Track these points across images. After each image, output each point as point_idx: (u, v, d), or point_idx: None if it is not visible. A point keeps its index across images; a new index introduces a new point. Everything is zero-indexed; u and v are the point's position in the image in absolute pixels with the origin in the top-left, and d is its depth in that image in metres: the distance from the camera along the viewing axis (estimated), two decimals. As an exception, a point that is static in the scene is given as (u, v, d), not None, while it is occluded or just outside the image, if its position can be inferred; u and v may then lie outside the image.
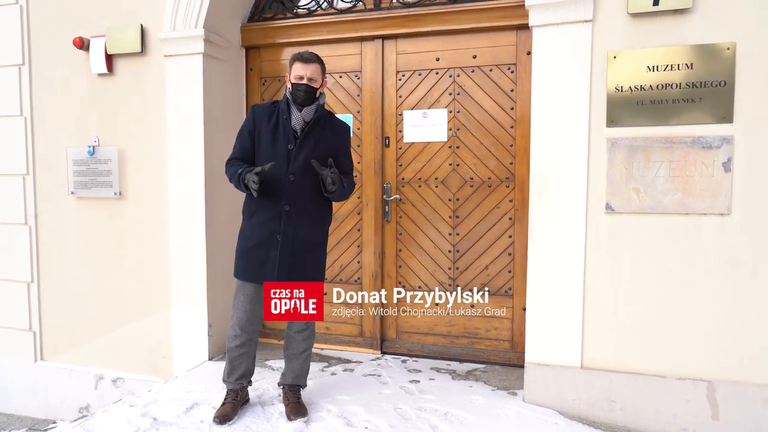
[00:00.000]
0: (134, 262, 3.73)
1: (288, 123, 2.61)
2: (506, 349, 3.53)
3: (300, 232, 2.60)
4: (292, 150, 2.58)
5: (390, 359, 3.65)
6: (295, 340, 2.75)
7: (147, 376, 3.72)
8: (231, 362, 2.74)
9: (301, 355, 2.77)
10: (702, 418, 2.73)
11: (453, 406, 2.90)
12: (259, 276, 2.60)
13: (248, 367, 2.77)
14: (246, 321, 2.67)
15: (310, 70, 2.56)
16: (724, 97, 2.64)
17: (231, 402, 2.72)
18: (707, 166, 2.67)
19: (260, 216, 2.62)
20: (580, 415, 2.88)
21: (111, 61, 3.64)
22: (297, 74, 2.56)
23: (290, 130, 2.60)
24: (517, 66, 3.39)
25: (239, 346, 2.70)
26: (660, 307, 2.77)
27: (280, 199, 2.57)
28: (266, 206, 2.59)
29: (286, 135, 2.60)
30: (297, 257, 2.60)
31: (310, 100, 2.59)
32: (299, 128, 2.61)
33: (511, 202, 3.47)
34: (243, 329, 2.67)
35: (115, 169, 3.69)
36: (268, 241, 2.59)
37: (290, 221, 2.58)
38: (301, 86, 2.56)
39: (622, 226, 2.81)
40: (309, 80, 2.56)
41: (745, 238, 2.65)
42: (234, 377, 2.74)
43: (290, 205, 2.58)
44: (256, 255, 2.61)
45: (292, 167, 2.57)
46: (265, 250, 2.59)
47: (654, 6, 2.65)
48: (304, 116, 2.60)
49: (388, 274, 3.74)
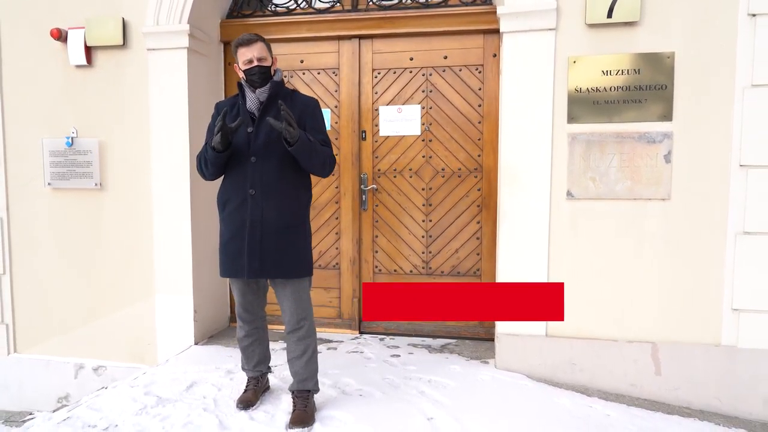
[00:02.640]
0: (115, 251, 3.79)
1: (244, 107, 2.53)
2: (475, 325, 3.88)
3: (268, 215, 2.47)
4: (251, 132, 2.49)
5: (368, 338, 3.92)
6: (290, 341, 2.62)
7: (130, 363, 3.79)
8: (243, 352, 2.77)
9: (301, 357, 2.59)
10: (647, 375, 3.18)
11: (435, 374, 3.21)
12: (237, 270, 2.52)
13: (262, 354, 2.79)
14: (244, 313, 2.68)
15: (256, 50, 2.47)
16: (665, 99, 3.08)
17: (252, 389, 2.78)
18: (651, 158, 3.11)
19: (230, 205, 2.54)
20: (545, 377, 3.26)
21: (90, 53, 3.67)
22: (245, 59, 2.47)
23: (247, 113, 2.52)
24: (484, 67, 3.73)
25: (246, 336, 2.73)
26: (613, 280, 3.19)
27: (245, 183, 2.48)
28: (233, 194, 2.52)
29: (245, 119, 2.50)
30: (267, 245, 2.47)
31: (266, 80, 2.50)
32: (255, 109, 2.51)
33: (479, 191, 3.81)
34: (244, 321, 2.71)
35: (96, 160, 3.72)
36: (240, 231, 2.50)
37: (257, 205, 2.47)
38: (253, 69, 2.46)
39: (580, 211, 3.20)
40: (258, 60, 2.46)
41: (682, 220, 3.11)
42: (251, 365, 2.78)
43: (255, 187, 2.47)
44: (231, 249, 2.53)
45: (253, 148, 2.48)
46: (239, 242, 2.50)
47: (608, 18, 3.05)
48: (259, 96, 2.51)
49: (365, 259, 4.00)
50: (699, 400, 3.13)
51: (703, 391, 3.12)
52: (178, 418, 2.63)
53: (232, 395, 2.88)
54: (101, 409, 2.76)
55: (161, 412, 2.70)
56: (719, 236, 3.07)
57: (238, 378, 3.12)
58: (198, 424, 2.57)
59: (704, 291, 3.10)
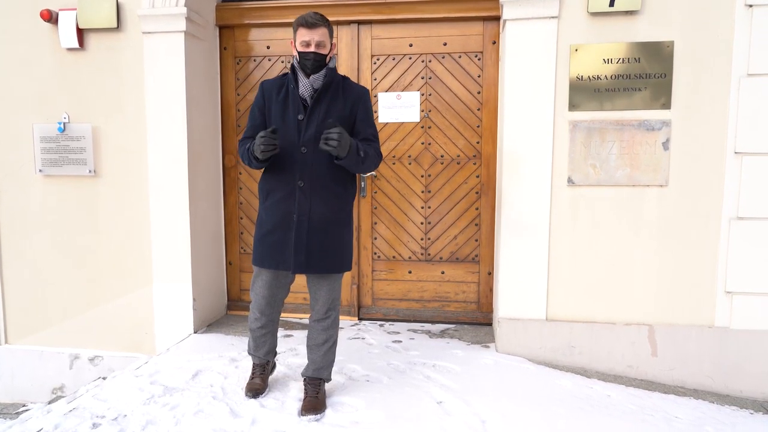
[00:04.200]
0: (111, 239, 3.72)
1: (296, 92, 2.43)
2: (473, 310, 3.94)
3: (317, 209, 2.42)
4: (302, 120, 2.42)
5: (368, 324, 3.94)
6: (314, 329, 2.59)
7: (128, 352, 3.75)
8: (255, 340, 2.71)
9: (322, 346, 2.58)
10: (644, 356, 3.27)
11: (438, 359, 3.26)
12: (279, 263, 2.47)
13: (272, 344, 2.76)
14: (265, 306, 2.62)
15: (318, 34, 2.36)
16: (664, 88, 3.14)
17: (260, 375, 2.74)
18: (650, 145, 3.18)
19: (274, 196, 2.47)
20: (545, 360, 3.34)
21: (82, 36, 3.57)
22: (302, 40, 2.37)
23: (299, 100, 2.43)
24: (483, 54, 3.74)
25: (261, 328, 2.67)
26: (611, 264, 3.27)
27: (294, 175, 2.41)
28: (279, 184, 2.45)
29: (296, 105, 2.43)
30: (314, 239, 2.43)
31: (319, 67, 2.41)
32: (308, 96, 2.43)
33: (478, 178, 3.84)
34: (262, 313, 2.63)
35: (89, 146, 3.63)
36: (284, 223, 2.44)
37: (305, 198, 2.41)
38: (308, 54, 2.37)
39: (581, 197, 3.26)
40: (317, 46, 2.37)
41: (679, 205, 3.19)
42: (261, 352, 2.73)
43: (304, 180, 2.41)
44: (273, 240, 2.47)
45: (304, 138, 2.40)
46: (283, 233, 2.44)
47: (610, 7, 3.08)
48: (313, 83, 2.42)
49: (364, 246, 4.01)
50: (693, 380, 3.24)
51: (697, 371, 3.24)
52: (188, 407, 2.61)
53: (239, 383, 2.88)
54: (107, 400, 2.73)
55: (170, 401, 2.68)
56: (714, 221, 3.16)
57: (243, 366, 3.11)
58: (209, 413, 2.56)
59: (699, 274, 3.20)
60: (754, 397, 3.21)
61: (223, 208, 4.09)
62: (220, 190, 4.05)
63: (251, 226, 4.08)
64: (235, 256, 4.15)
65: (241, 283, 4.17)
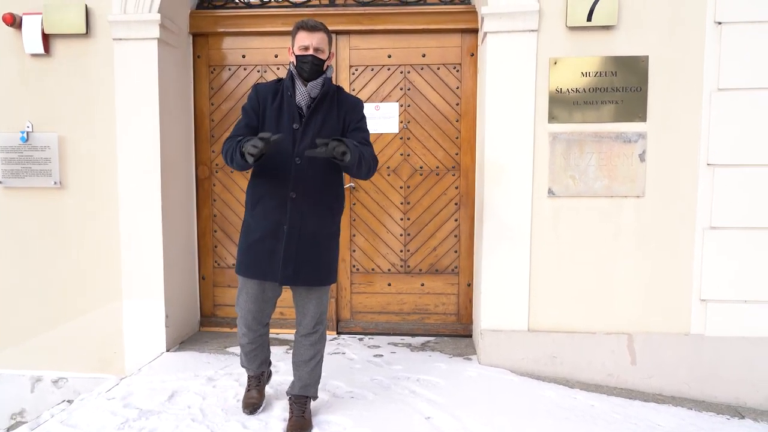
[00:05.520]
0: (77, 254, 3.54)
1: (293, 100, 2.36)
2: (453, 322, 3.91)
3: (308, 221, 2.36)
4: (297, 130, 2.34)
5: (347, 338, 3.87)
6: (302, 345, 2.51)
7: (95, 373, 3.56)
8: (246, 355, 2.62)
9: (309, 362, 2.50)
10: (623, 365, 3.31)
11: (421, 373, 3.21)
12: (266, 273, 2.38)
13: (265, 355, 2.69)
14: (252, 320, 2.51)
15: (317, 39, 2.31)
16: (640, 101, 3.21)
17: (256, 387, 2.68)
18: (627, 157, 3.24)
19: (264, 204, 2.38)
20: (528, 371, 3.34)
21: (48, 42, 3.40)
22: (301, 44, 2.30)
23: (295, 108, 2.36)
24: (462, 66, 3.76)
25: (250, 343, 2.58)
26: (591, 274, 3.30)
27: (286, 185, 2.33)
28: (271, 193, 2.37)
29: (291, 113, 2.36)
30: (304, 251, 2.36)
31: (316, 73, 2.34)
32: (305, 105, 2.36)
33: (457, 189, 3.84)
34: (249, 329, 2.54)
35: (55, 156, 3.46)
36: (273, 233, 2.36)
37: (297, 209, 2.34)
38: (306, 57, 2.30)
39: (561, 208, 3.29)
40: (315, 50, 2.30)
41: (655, 216, 3.25)
42: (254, 365, 2.66)
43: (296, 191, 2.33)
44: (261, 249, 2.38)
45: (299, 149, 2.33)
46: (271, 243, 2.36)
47: (588, 21, 3.14)
48: (310, 91, 2.36)
49: (342, 258, 3.93)
50: (670, 387, 3.30)
51: (674, 378, 3.29)
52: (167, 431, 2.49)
53: (218, 404, 2.77)
54: (77, 425, 2.57)
55: (146, 426, 2.55)
56: (689, 231, 3.24)
57: (221, 385, 3.00)
58: (189, 436, 2.45)
59: (675, 283, 3.27)
60: (729, 402, 3.28)
61: (197, 221, 3.95)
62: (193, 202, 3.92)
63: (225, 239, 3.96)
64: (208, 270, 4.02)
65: (215, 298, 4.03)
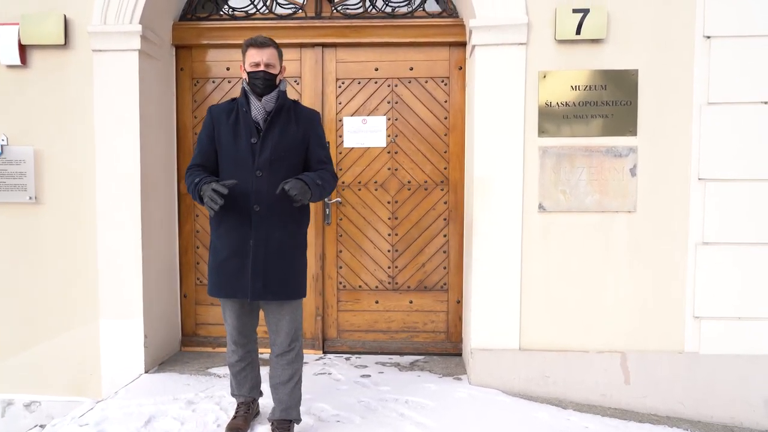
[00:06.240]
0: (52, 272, 3.40)
1: (248, 116, 2.39)
2: (443, 340, 3.82)
3: (274, 234, 2.36)
4: (256, 144, 2.37)
5: (333, 358, 3.75)
6: (278, 365, 2.47)
7: (69, 396, 3.40)
8: (235, 377, 2.61)
9: (288, 383, 2.46)
10: (617, 384, 3.23)
11: (410, 394, 3.10)
12: (236, 290, 2.37)
13: (255, 379, 2.65)
14: (238, 336, 2.52)
15: (267, 54, 2.35)
16: (630, 115, 3.18)
17: (243, 415, 2.59)
18: (618, 171, 3.19)
19: (228, 222, 2.38)
20: (519, 391, 3.24)
21: (25, 53, 3.30)
22: (252, 61, 2.36)
23: (252, 123, 2.38)
24: (450, 79, 3.71)
25: (239, 361, 2.56)
26: (583, 291, 3.23)
27: (248, 200, 2.34)
28: (233, 210, 2.35)
29: (248, 129, 2.37)
30: (271, 265, 2.36)
31: (269, 88, 2.38)
32: (261, 119, 2.39)
33: (446, 204, 3.77)
34: (236, 344, 2.53)
35: (31, 170, 3.34)
36: (240, 249, 2.36)
37: (261, 223, 2.35)
38: (258, 74, 2.35)
39: (552, 224, 3.23)
40: (266, 66, 2.35)
41: (647, 231, 3.20)
42: (244, 390, 2.63)
43: (260, 204, 2.34)
44: (229, 267, 2.38)
45: (258, 162, 2.35)
46: (239, 260, 2.36)
47: (577, 35, 3.11)
48: (265, 105, 2.39)
49: (328, 275, 3.84)
50: (665, 407, 3.22)
51: (669, 398, 3.21)
52: (141, 459, 2.36)
53: (197, 429, 2.64)
54: (47, 454, 2.44)
55: (119, 453, 2.42)
56: (681, 247, 3.19)
57: (200, 409, 2.87)
58: (165, 465, 2.32)
59: (668, 300, 3.21)
60: (724, 422, 3.21)
61: (178, 237, 3.84)
62: (175, 217, 3.81)
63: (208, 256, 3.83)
64: (190, 288, 3.89)
65: (197, 316, 3.90)
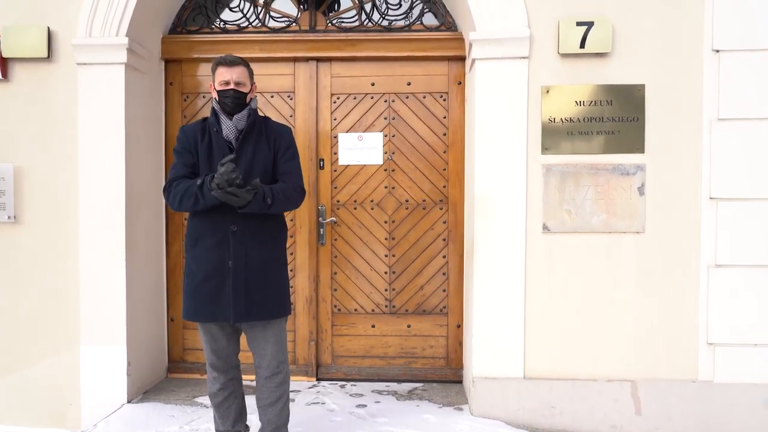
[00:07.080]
0: (31, 296, 3.22)
1: (220, 135, 2.35)
2: (442, 366, 3.63)
3: (253, 252, 2.31)
4: None
5: (328, 385, 3.56)
6: (266, 388, 2.42)
7: (47, 428, 3.22)
8: (218, 409, 2.47)
9: (276, 404, 2.42)
10: (628, 415, 3.05)
11: (409, 427, 2.92)
12: (216, 314, 2.29)
13: (239, 410, 2.53)
14: (218, 361, 2.42)
15: (236, 73, 2.33)
16: (637, 131, 3.04)
17: None
18: (626, 190, 3.05)
19: (204, 243, 2.31)
20: (524, 422, 3.06)
21: (6, 66, 3.17)
22: (222, 80, 2.33)
23: (224, 142, 2.34)
24: (449, 94, 3.58)
25: (221, 390, 2.44)
26: (590, 316, 3.07)
27: (225, 219, 2.28)
28: (210, 230, 2.30)
29: (221, 148, 2.34)
30: (253, 284, 2.30)
31: (239, 106, 2.35)
32: (233, 138, 2.36)
33: (445, 224, 3.62)
34: (215, 368, 2.43)
35: (10, 189, 3.18)
36: (218, 270, 2.29)
37: (240, 242, 2.29)
38: (228, 92, 2.32)
39: (556, 245, 3.07)
40: (236, 84, 2.32)
41: (656, 253, 3.05)
42: (228, 424, 2.49)
43: (237, 223, 2.29)
44: (207, 289, 2.29)
45: None
46: (217, 282, 2.29)
47: (580, 48, 2.99)
48: (236, 124, 2.36)
49: (322, 298, 3.67)
50: (678, 439, 3.04)
51: (682, 429, 3.03)
52: (116, 503, 2.17)
53: (179, 466, 2.46)
54: (14, 496, 2.25)
55: (93, 495, 2.23)
56: (693, 269, 3.03)
57: (184, 443, 2.68)
58: None
59: (680, 325, 3.04)
60: (741, 455, 3.02)
61: (166, 258, 3.67)
62: (163, 237, 3.65)
63: (197, 277, 3.67)
64: (178, 311, 3.70)
65: (185, 341, 3.72)
